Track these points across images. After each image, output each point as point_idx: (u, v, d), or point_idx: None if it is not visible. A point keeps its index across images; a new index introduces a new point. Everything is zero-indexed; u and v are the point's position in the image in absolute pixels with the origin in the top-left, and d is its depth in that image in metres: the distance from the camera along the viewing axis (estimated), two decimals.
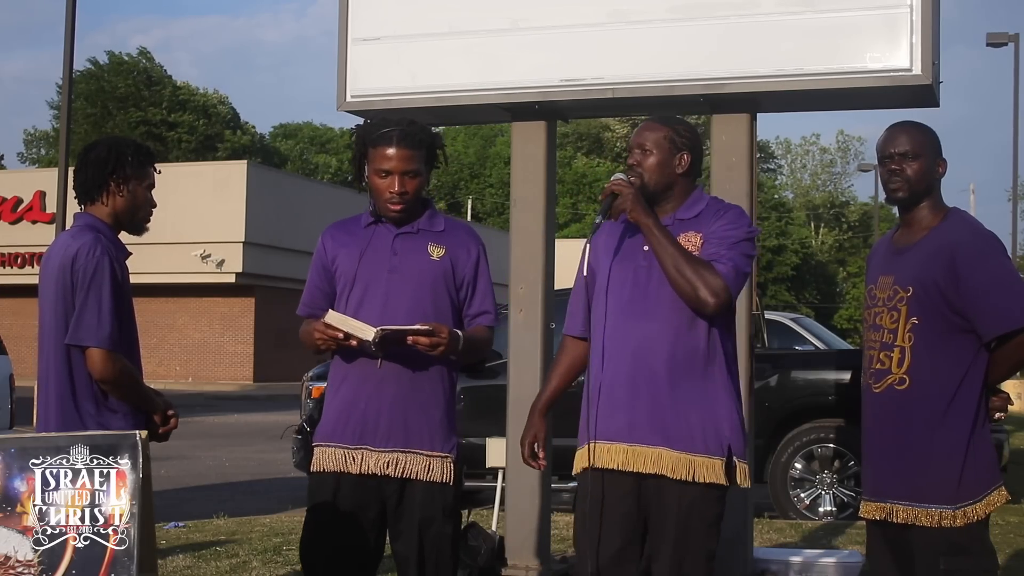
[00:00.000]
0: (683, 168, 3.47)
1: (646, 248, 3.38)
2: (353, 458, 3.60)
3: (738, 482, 3.37)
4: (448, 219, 3.79)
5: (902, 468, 3.52)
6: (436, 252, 3.66)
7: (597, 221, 3.46)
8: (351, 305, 3.62)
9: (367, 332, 3.47)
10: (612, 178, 3.47)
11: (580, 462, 3.43)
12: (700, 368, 3.35)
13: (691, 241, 3.39)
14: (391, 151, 3.58)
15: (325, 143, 61.23)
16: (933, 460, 3.47)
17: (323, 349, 3.61)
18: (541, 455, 3.59)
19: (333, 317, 3.53)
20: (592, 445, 3.37)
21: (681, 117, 3.65)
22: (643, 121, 3.61)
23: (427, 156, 3.67)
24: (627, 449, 3.33)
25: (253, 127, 56.35)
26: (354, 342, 3.51)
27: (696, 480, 3.29)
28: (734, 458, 3.35)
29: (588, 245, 3.57)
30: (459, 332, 3.59)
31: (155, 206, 3.77)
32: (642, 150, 3.48)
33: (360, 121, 3.87)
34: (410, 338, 3.49)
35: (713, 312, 3.33)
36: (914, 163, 3.58)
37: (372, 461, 3.59)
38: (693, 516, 3.31)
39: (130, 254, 3.69)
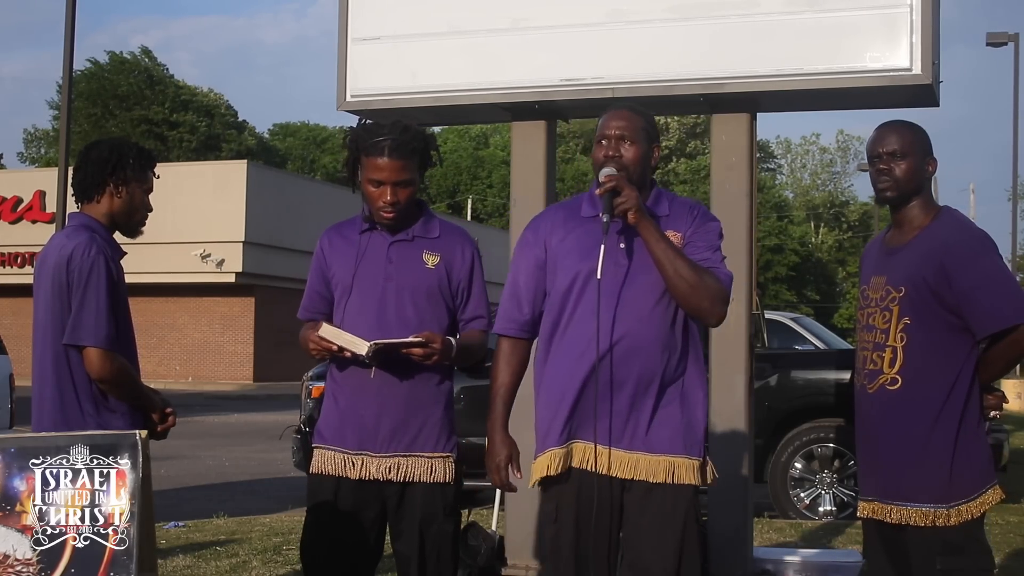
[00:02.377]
0: (655, 161, 3.37)
1: (622, 246, 3.25)
2: (353, 463, 3.60)
3: (709, 481, 3.32)
4: (443, 223, 3.78)
5: (896, 468, 3.52)
6: (431, 260, 3.65)
7: (606, 219, 3.17)
8: (348, 313, 3.62)
9: (360, 347, 3.48)
10: (603, 173, 3.25)
11: (559, 462, 3.26)
12: (681, 368, 3.30)
13: (673, 240, 3.27)
14: (383, 161, 3.55)
15: (322, 142, 61.22)
16: (926, 459, 3.47)
17: (318, 359, 3.65)
18: (519, 475, 3.46)
19: (327, 331, 3.53)
20: (595, 448, 3.21)
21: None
22: (611, 109, 3.39)
23: (420, 161, 3.65)
24: (622, 455, 3.24)
25: (255, 128, 56.39)
26: (348, 353, 3.52)
27: (680, 482, 3.24)
28: (707, 457, 3.33)
29: (551, 235, 3.34)
30: (452, 340, 3.58)
31: (151, 210, 3.76)
32: (620, 140, 3.29)
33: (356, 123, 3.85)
34: (404, 349, 3.50)
35: (717, 321, 3.27)
36: (902, 162, 3.58)
37: (373, 467, 3.59)
38: (689, 519, 3.27)
39: (124, 254, 3.68)
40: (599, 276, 3.18)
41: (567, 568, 3.28)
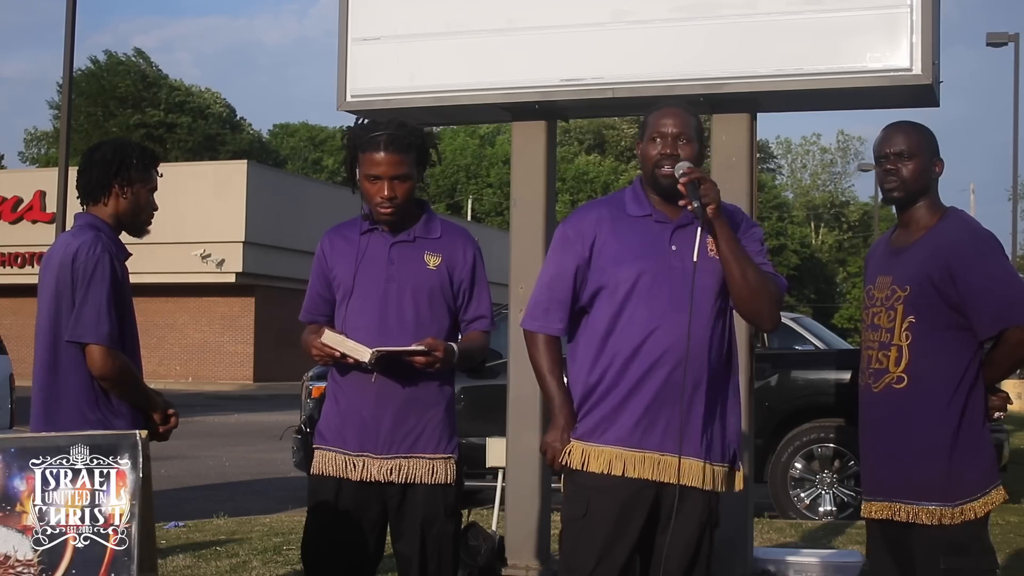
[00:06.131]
0: (703, 161, 3.36)
1: (674, 248, 3.21)
2: (354, 465, 3.59)
3: (736, 487, 3.33)
4: (445, 223, 3.77)
5: (901, 466, 3.52)
6: (432, 261, 3.64)
7: (696, 205, 3.09)
8: (349, 314, 3.62)
9: (363, 354, 3.47)
10: (683, 164, 3.16)
11: (607, 464, 3.19)
12: (725, 375, 3.29)
13: None
14: (379, 156, 3.55)
15: (322, 142, 61.21)
16: (932, 458, 3.47)
17: (320, 364, 3.63)
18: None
19: (330, 338, 3.52)
20: (639, 455, 3.17)
21: None
22: (666, 105, 3.31)
23: (418, 158, 3.64)
24: (667, 459, 3.19)
25: (250, 125, 56.32)
26: (351, 360, 3.51)
27: (715, 489, 3.25)
28: (737, 463, 3.33)
29: (597, 232, 3.25)
30: (454, 347, 3.57)
31: (156, 209, 3.76)
32: (676, 138, 3.21)
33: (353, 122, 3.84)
34: (406, 356, 3.50)
35: (773, 326, 3.28)
36: (910, 163, 3.59)
37: (375, 469, 3.58)
38: (711, 524, 3.27)
39: (130, 255, 3.68)
40: (695, 259, 3.14)
41: (584, 568, 3.23)
